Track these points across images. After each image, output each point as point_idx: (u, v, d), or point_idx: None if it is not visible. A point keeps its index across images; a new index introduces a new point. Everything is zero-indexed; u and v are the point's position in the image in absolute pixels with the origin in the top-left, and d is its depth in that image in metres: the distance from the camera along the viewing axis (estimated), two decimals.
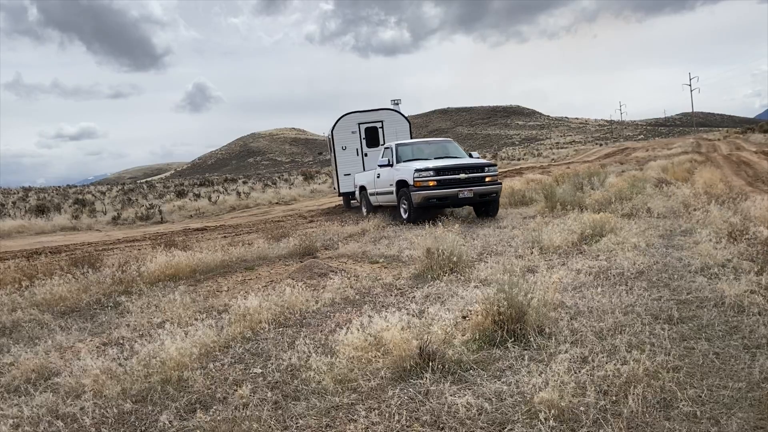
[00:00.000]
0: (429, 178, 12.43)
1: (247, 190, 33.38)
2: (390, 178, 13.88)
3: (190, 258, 9.12)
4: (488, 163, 13.22)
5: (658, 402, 3.22)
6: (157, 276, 8.34)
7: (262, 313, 5.59)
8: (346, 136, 19.06)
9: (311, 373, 4.06)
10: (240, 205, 25.42)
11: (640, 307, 4.87)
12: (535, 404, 3.25)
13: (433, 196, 12.44)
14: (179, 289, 7.42)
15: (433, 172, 12.47)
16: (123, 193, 41.05)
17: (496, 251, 8.27)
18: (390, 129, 19.06)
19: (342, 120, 19.09)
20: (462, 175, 12.54)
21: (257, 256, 9.77)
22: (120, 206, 27.35)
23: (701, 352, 3.85)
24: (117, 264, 9.06)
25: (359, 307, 5.87)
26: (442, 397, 3.52)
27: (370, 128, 19.02)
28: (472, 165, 12.80)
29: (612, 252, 7.12)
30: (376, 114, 19.23)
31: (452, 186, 12.48)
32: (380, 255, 9.13)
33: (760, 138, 43.08)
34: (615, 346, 4.01)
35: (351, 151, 19.03)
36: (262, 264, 9.10)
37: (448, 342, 4.36)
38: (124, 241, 15.51)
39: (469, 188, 12.48)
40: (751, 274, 5.41)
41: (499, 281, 4.71)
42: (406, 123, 19.45)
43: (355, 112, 19.21)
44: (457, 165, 12.79)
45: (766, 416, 2.97)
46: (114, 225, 21.01)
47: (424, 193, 12.40)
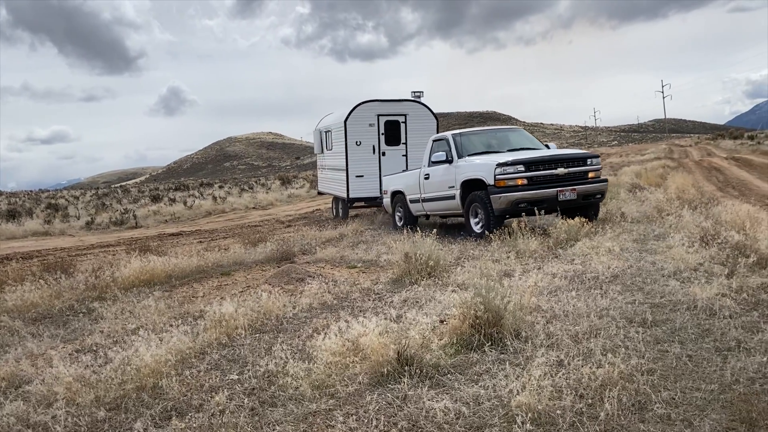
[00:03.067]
0: (517, 175, 9.51)
1: (223, 194, 33.12)
2: (449, 178, 10.84)
3: (166, 263, 9.02)
4: (590, 154, 10.45)
5: (633, 404, 3.26)
6: (132, 281, 8.24)
7: (238, 319, 5.55)
8: (362, 129, 15.47)
9: (288, 379, 4.03)
10: (216, 210, 25.20)
11: (614, 311, 4.93)
12: (513, 408, 3.27)
13: (523, 199, 9.44)
14: (154, 294, 7.34)
15: (522, 166, 9.54)
16: (97, 197, 40.46)
17: (473, 255, 8.31)
18: (414, 125, 15.84)
19: (358, 109, 15.49)
20: (560, 169, 9.71)
21: (233, 262, 9.69)
22: (94, 211, 26.95)
23: (674, 355, 3.91)
24: (90, 269, 8.93)
25: (337, 312, 5.85)
26: (419, 402, 3.52)
27: (391, 122, 15.70)
28: (573, 157, 10.13)
29: (587, 256, 7.21)
30: (400, 105, 15.88)
31: (548, 185, 9.59)
32: (358, 259, 9.12)
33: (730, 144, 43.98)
34: (590, 350, 4.05)
35: (366, 148, 15.48)
36: (239, 269, 9.03)
37: (426, 346, 4.36)
38: (98, 246, 15.29)
39: (570, 187, 9.63)
40: (722, 277, 5.51)
41: (476, 285, 4.74)
42: (434, 120, 16.16)
43: (375, 101, 15.72)
44: (552, 156, 9.99)
45: (737, 417, 3.02)
46: (87, 230, 20.69)
47: (512, 195, 9.39)
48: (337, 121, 16.15)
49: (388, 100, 15.84)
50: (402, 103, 15.88)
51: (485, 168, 9.80)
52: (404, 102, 15.91)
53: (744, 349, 3.91)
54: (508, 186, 9.46)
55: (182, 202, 28.43)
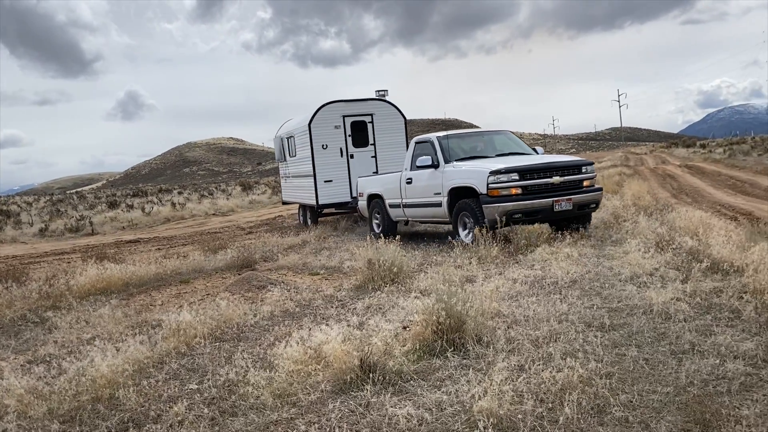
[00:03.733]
0: (511, 184, 8.91)
1: (182, 200, 32.60)
2: (435, 184, 10.20)
3: (123, 271, 8.84)
4: (585, 161, 9.88)
5: (592, 408, 3.31)
6: (88, 290, 8.04)
7: (197, 328, 5.46)
8: (327, 132, 14.88)
9: (249, 388, 3.98)
10: (175, 217, 24.79)
11: (573, 315, 5.01)
12: (475, 413, 3.29)
13: (518, 210, 8.87)
14: (111, 303, 7.18)
15: (517, 174, 8.94)
16: (51, 203, 39.37)
17: (436, 261, 8.36)
18: (382, 125, 15.29)
19: (323, 110, 14.91)
20: (555, 178, 9.14)
21: (193, 269, 9.55)
22: (48, 217, 26.21)
23: (632, 359, 3.99)
24: (44, 277, 8.69)
25: (299, 320, 5.81)
26: (382, 409, 3.52)
27: (357, 123, 15.12)
28: (568, 164, 9.50)
29: (546, 261, 7.31)
30: (365, 105, 15.28)
31: (543, 194, 9.04)
32: (321, 266, 9.08)
33: (683, 152, 45.32)
34: (550, 354, 4.10)
35: (333, 152, 14.85)
36: (198, 277, 8.90)
37: (389, 353, 4.36)
38: (52, 253, 14.90)
39: (566, 197, 9.11)
40: (677, 282, 5.66)
41: (438, 291, 4.76)
42: (402, 119, 15.69)
43: (339, 101, 15.13)
44: (548, 164, 9.36)
45: (692, 419, 3.10)
46: (41, 237, 20.12)
47: (506, 205, 8.80)
48: (300, 125, 15.56)
49: (353, 100, 15.29)
50: (368, 102, 15.32)
51: (477, 175, 9.20)
52: (370, 101, 15.35)
53: (698, 351, 4.01)
54: (502, 195, 8.89)
55: (140, 208, 27.89)
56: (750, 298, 4.90)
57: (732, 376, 3.57)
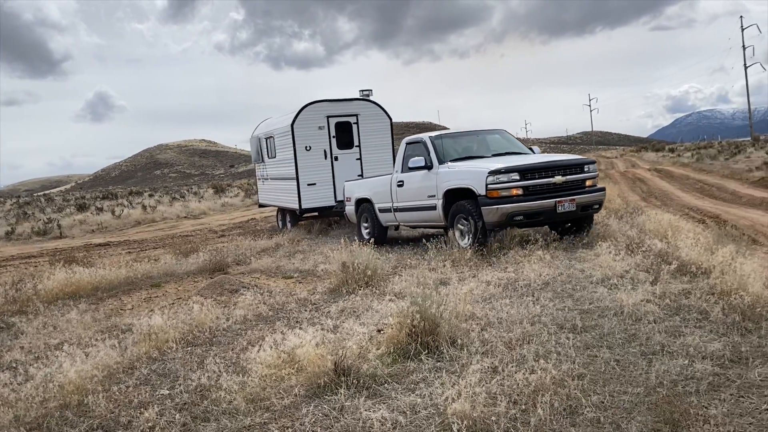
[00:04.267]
0: (512, 185, 8.48)
1: (153, 203, 32.16)
2: (428, 186, 9.72)
3: (92, 275, 8.69)
4: (587, 159, 9.52)
5: (564, 409, 3.35)
6: (56, 294, 7.89)
7: (169, 332, 5.39)
8: (311, 133, 14.31)
9: (222, 393, 3.94)
10: (146, 220, 24.44)
11: (546, 317, 5.05)
12: (449, 416, 3.29)
13: (519, 211, 8.45)
14: (79, 307, 7.05)
15: (517, 174, 8.51)
16: (18, 206, 38.51)
17: (410, 264, 8.37)
18: (367, 126, 14.80)
19: (306, 111, 14.35)
20: (558, 177, 8.68)
21: (164, 273, 9.43)
22: (14, 220, 25.66)
23: (603, 360, 4.04)
24: (10, 282, 8.51)
25: (272, 324, 5.77)
26: (356, 413, 3.50)
27: (342, 123, 14.60)
28: (570, 163, 9.08)
29: (519, 264, 7.37)
30: (350, 105, 14.79)
31: (546, 195, 8.60)
32: (295, 269, 9.03)
33: (653, 156, 46.10)
34: (523, 356, 4.13)
35: (317, 153, 14.31)
36: (170, 280, 8.79)
37: (363, 356, 4.35)
38: (19, 257, 14.58)
39: (570, 197, 8.67)
40: (647, 284, 5.74)
41: (412, 294, 4.76)
42: (388, 120, 15.23)
43: (323, 101, 14.64)
44: (549, 163, 8.93)
45: (662, 419, 3.14)
46: (7, 240, 19.68)
47: (506, 207, 8.37)
48: (281, 125, 15.08)
49: (338, 100, 14.77)
50: (352, 102, 14.81)
51: (475, 176, 8.72)
52: (355, 101, 14.84)
53: (667, 352, 4.08)
54: (502, 197, 8.43)
55: (110, 211, 27.45)
56: (717, 300, 5.00)
57: (700, 376, 3.63)
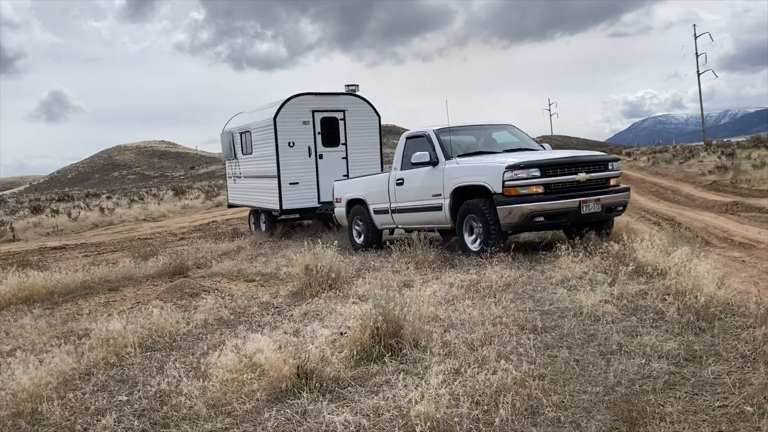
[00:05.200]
0: (532, 181, 7.72)
1: (111, 205, 31.46)
2: (433, 184, 8.95)
3: (47, 279, 8.46)
4: (612, 156, 8.85)
5: (525, 409, 3.39)
6: (8, 299, 7.65)
7: (127, 337, 5.28)
8: (295, 128, 13.28)
9: (182, 399, 3.87)
10: (103, 222, 23.88)
11: (507, 318, 5.11)
12: (412, 418, 3.30)
13: (540, 211, 7.75)
14: (33, 313, 6.85)
15: (537, 170, 7.76)
16: None
17: (374, 267, 8.37)
18: (355, 122, 13.90)
19: (291, 103, 13.30)
20: (581, 174, 7.94)
21: (122, 276, 9.23)
22: None
23: (563, 360, 4.10)
24: None
25: (234, 328, 5.70)
26: (320, 416, 3.48)
27: (328, 119, 13.64)
28: (594, 159, 8.40)
29: (481, 266, 7.44)
30: (337, 99, 13.85)
31: (569, 194, 7.87)
32: (257, 273, 8.95)
33: None
34: (485, 357, 4.17)
35: (300, 150, 13.31)
36: (128, 284, 8.61)
37: (326, 360, 4.33)
38: None
39: (595, 197, 7.96)
40: (605, 285, 5.86)
41: (376, 296, 4.77)
42: (376, 117, 14.37)
43: (309, 94, 13.61)
44: (572, 159, 8.28)
45: (620, 417, 3.21)
46: None
47: (526, 206, 7.67)
48: (261, 119, 13.98)
49: (325, 94, 13.86)
50: (339, 97, 13.90)
51: (490, 171, 7.97)
52: (342, 96, 13.95)
53: (625, 352, 4.16)
54: (521, 195, 7.69)
55: (66, 213, 26.73)
56: (672, 300, 5.13)
57: (657, 375, 3.72)
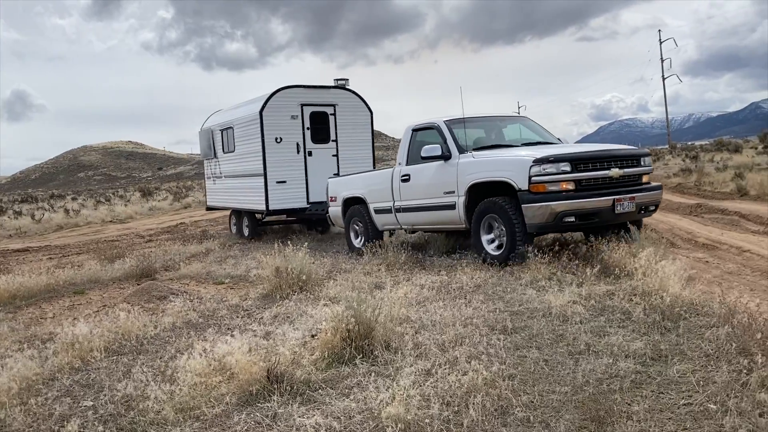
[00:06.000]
0: (561, 177, 7.01)
1: (76, 207, 30.87)
2: (445, 180, 8.20)
3: (9, 282, 8.25)
4: (643, 151, 8.06)
5: (496, 409, 3.41)
6: None
7: (93, 341, 5.17)
8: (282, 122, 12.60)
9: (149, 403, 3.80)
10: (68, 224, 23.40)
11: (478, 319, 5.14)
12: (383, 419, 3.30)
13: (571, 210, 6.98)
14: None
15: (567, 164, 7.03)
16: None
17: (345, 269, 8.35)
18: (345, 118, 13.24)
19: (278, 96, 12.61)
20: (614, 170, 7.26)
21: (88, 279, 9.05)
22: None
23: (533, 360, 4.14)
24: None
25: (203, 331, 5.63)
26: (290, 419, 3.46)
27: (318, 114, 12.93)
28: (627, 153, 7.61)
29: (452, 267, 7.48)
30: (328, 93, 13.20)
31: (601, 191, 7.17)
32: (226, 275, 8.85)
33: None
34: (456, 358, 4.19)
35: (288, 147, 12.62)
36: (94, 287, 8.45)
37: (297, 362, 4.31)
38: None
39: (629, 195, 7.26)
40: (573, 285, 5.94)
41: (347, 298, 4.75)
42: (368, 112, 13.72)
43: (298, 87, 12.90)
44: (605, 152, 7.51)
45: (588, 416, 3.25)
46: None
47: (555, 204, 6.92)
48: (246, 113, 13.31)
49: (314, 87, 13.16)
50: (330, 90, 13.25)
51: (514, 166, 7.22)
52: (332, 90, 13.29)
53: (593, 352, 4.22)
54: (550, 192, 6.95)
55: (30, 215, 26.13)
56: (639, 300, 5.22)
57: (624, 374, 3.78)
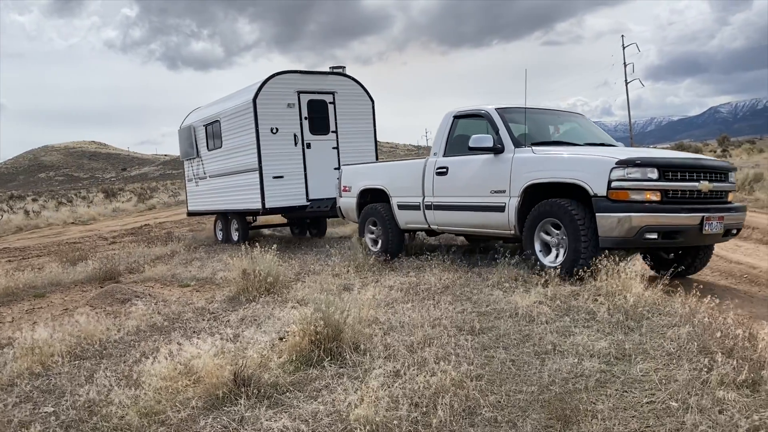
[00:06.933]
0: (647, 185, 5.90)
1: (37, 208, 30.13)
2: (494, 176, 7.09)
3: None
4: (730, 165, 6.82)
5: (464, 410, 3.43)
6: None
7: (54, 345, 5.05)
8: (278, 111, 11.45)
9: (113, 408, 3.73)
10: (29, 226, 22.84)
11: (446, 320, 5.17)
12: (351, 422, 3.29)
13: (656, 226, 5.86)
14: None
15: (655, 170, 5.94)
16: None
17: (313, 271, 8.32)
18: (345, 107, 12.24)
19: (273, 82, 11.49)
20: (704, 183, 6.17)
21: (49, 282, 8.85)
22: None
23: (500, 360, 4.18)
24: None
25: (168, 334, 5.55)
26: (257, 423, 3.43)
27: (316, 102, 11.88)
28: (716, 165, 6.50)
29: (420, 269, 7.51)
30: (326, 80, 12.19)
31: (690, 206, 6.07)
32: (192, 277, 8.74)
33: None
34: (425, 359, 4.20)
35: (285, 138, 11.47)
36: (55, 290, 8.26)
37: (265, 365, 4.27)
38: None
39: (718, 213, 6.13)
40: (539, 286, 6.01)
41: (315, 301, 4.73)
42: (370, 101, 12.72)
43: (294, 72, 11.83)
44: (694, 161, 6.37)
45: (554, 416, 3.30)
46: None
47: (640, 216, 5.79)
48: (236, 103, 12.10)
49: (311, 72, 12.17)
50: (328, 77, 12.28)
51: (590, 166, 6.13)
52: (331, 76, 12.34)
53: (558, 351, 4.28)
54: (632, 201, 5.86)
55: None
56: (603, 301, 5.30)
57: (589, 373, 3.83)
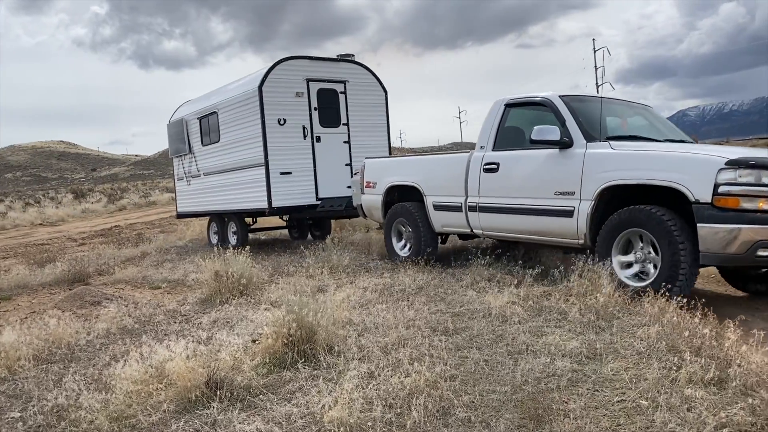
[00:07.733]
0: (763, 191, 4.84)
1: (3, 209, 29.45)
2: (560, 175, 6.11)
3: None
4: None
5: (437, 410, 3.44)
6: None
7: (21, 349, 4.95)
8: (285, 101, 10.37)
9: (82, 413, 3.66)
10: None
11: (420, 321, 5.18)
12: (325, 424, 3.28)
13: None
14: None
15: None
16: None
17: (287, 272, 8.27)
18: (357, 98, 11.18)
19: (281, 68, 10.39)
20: None
21: (16, 284, 8.66)
22: None
23: (473, 360, 4.20)
24: None
25: (138, 337, 5.46)
26: (230, 426, 3.40)
27: (326, 91, 10.82)
28: None
29: (395, 270, 7.52)
30: (337, 68, 11.09)
31: None
32: (163, 279, 8.63)
33: None
34: (399, 360, 4.20)
35: (293, 130, 10.40)
36: (22, 293, 8.09)
37: (237, 368, 4.23)
38: None
39: None
40: (512, 287, 6.06)
41: (289, 302, 4.70)
42: (383, 92, 11.69)
43: (303, 58, 10.69)
44: None
45: (527, 415, 3.32)
46: None
47: (753, 230, 4.77)
48: (237, 93, 10.97)
49: (321, 59, 10.99)
50: (339, 64, 11.14)
51: (691, 166, 5.14)
52: (342, 63, 11.20)
53: (531, 351, 4.32)
54: (743, 210, 4.84)
55: None
56: (575, 301, 5.36)
57: (561, 373, 3.87)
